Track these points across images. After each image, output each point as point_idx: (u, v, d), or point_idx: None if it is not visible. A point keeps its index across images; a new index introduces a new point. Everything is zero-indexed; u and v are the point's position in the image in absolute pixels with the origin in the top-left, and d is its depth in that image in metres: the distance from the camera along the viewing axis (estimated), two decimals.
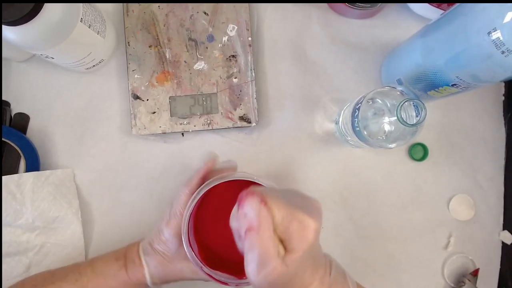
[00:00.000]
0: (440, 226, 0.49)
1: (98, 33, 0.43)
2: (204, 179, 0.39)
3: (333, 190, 0.49)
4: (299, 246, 0.28)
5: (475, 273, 0.48)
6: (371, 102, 0.40)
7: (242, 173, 0.39)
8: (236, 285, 0.37)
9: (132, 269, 0.40)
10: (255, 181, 0.37)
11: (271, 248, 0.27)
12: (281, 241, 0.29)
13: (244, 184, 0.39)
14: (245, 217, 0.28)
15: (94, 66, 0.47)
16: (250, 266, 0.28)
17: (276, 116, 0.49)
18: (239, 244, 0.30)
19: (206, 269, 0.37)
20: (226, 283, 0.36)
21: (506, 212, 0.49)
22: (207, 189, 0.37)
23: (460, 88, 0.37)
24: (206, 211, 0.40)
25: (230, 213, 0.36)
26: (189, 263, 0.38)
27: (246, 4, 0.48)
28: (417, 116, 0.36)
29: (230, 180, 0.37)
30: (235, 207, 0.30)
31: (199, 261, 0.37)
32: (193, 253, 0.37)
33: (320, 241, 0.48)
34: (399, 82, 0.44)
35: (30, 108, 0.49)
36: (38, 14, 0.34)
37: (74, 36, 0.39)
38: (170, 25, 0.47)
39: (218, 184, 0.37)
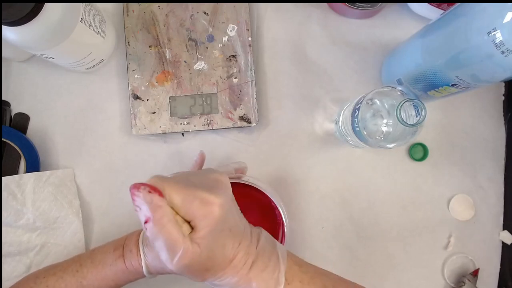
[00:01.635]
0: (440, 226, 0.49)
1: (98, 33, 0.43)
2: None
3: (333, 190, 0.49)
4: (205, 222, 0.28)
5: (475, 273, 0.48)
6: (371, 102, 0.40)
7: (239, 175, 0.39)
8: None
9: (129, 259, 0.39)
10: (248, 183, 0.37)
11: (174, 233, 0.28)
12: (188, 223, 0.29)
13: (238, 187, 0.39)
14: (140, 210, 0.28)
15: (94, 66, 0.47)
16: (163, 256, 0.28)
17: (276, 116, 0.49)
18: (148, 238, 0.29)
19: None
20: None
21: (506, 212, 0.49)
22: None
23: (460, 88, 0.37)
24: None
25: None
26: None
27: (246, 4, 0.48)
28: (417, 116, 0.36)
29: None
30: None
31: None
32: None
33: (320, 241, 0.49)
34: (399, 82, 0.44)
35: (30, 108, 0.49)
36: (38, 15, 0.34)
37: (74, 36, 0.39)
38: (170, 25, 0.47)
39: None
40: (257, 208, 0.40)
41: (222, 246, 0.30)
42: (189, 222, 0.29)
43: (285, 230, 0.38)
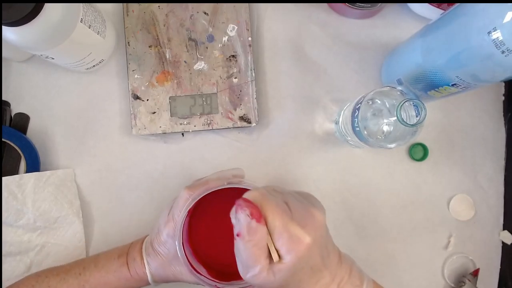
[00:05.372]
0: (440, 226, 0.49)
1: (98, 33, 0.43)
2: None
3: (333, 190, 0.49)
4: (288, 258, 0.29)
5: (475, 273, 0.48)
6: (371, 102, 0.40)
7: (239, 180, 0.39)
8: None
9: (134, 267, 0.40)
10: (247, 187, 0.37)
11: (254, 256, 0.29)
12: (277, 249, 0.30)
13: (241, 192, 0.39)
14: (238, 221, 0.30)
15: (94, 66, 0.47)
16: (239, 267, 0.31)
17: (276, 116, 0.49)
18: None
19: (209, 281, 0.37)
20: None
21: (506, 212, 0.49)
22: (200, 197, 0.37)
23: (460, 88, 0.37)
24: (201, 218, 0.40)
25: (224, 220, 0.36)
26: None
27: (246, 4, 0.48)
28: (417, 116, 0.36)
29: (225, 188, 0.37)
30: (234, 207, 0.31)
31: (195, 272, 0.37)
32: (192, 267, 0.37)
33: None
34: (399, 82, 0.44)
35: (30, 108, 0.49)
36: (39, 15, 0.34)
37: (74, 36, 0.39)
38: (170, 25, 0.47)
39: (213, 191, 0.37)
40: None
41: (299, 281, 0.30)
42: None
43: None
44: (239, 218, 0.29)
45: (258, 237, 0.29)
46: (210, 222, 0.40)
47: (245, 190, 0.37)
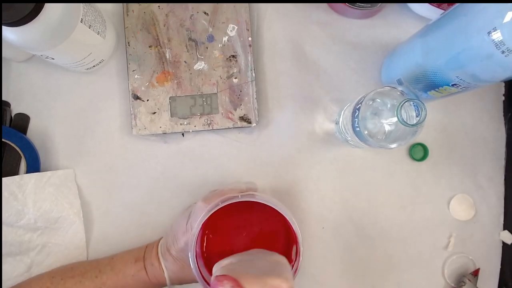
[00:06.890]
0: (440, 226, 0.49)
1: (98, 34, 0.43)
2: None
3: (333, 190, 0.49)
4: None
5: (475, 273, 0.48)
6: (371, 102, 0.40)
7: (253, 194, 0.39)
8: None
9: (152, 272, 0.41)
10: (262, 201, 0.37)
11: None
12: None
13: (253, 206, 0.39)
14: None
15: (94, 66, 0.47)
16: None
17: (276, 116, 0.49)
18: None
19: None
20: None
21: (506, 212, 0.49)
22: (214, 210, 0.37)
23: (460, 88, 0.37)
24: (214, 230, 0.40)
25: (236, 233, 0.38)
26: None
27: (246, 4, 0.48)
28: (417, 116, 0.36)
29: (240, 201, 0.37)
30: None
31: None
32: (204, 281, 0.37)
33: (321, 241, 0.49)
34: (399, 82, 0.44)
35: (30, 108, 0.49)
36: (39, 15, 0.34)
37: (75, 36, 0.39)
38: (170, 25, 0.47)
39: (227, 204, 0.37)
40: (272, 227, 0.40)
41: None
42: None
43: (300, 249, 0.38)
44: None
45: None
46: (223, 234, 0.40)
47: (258, 204, 0.37)
